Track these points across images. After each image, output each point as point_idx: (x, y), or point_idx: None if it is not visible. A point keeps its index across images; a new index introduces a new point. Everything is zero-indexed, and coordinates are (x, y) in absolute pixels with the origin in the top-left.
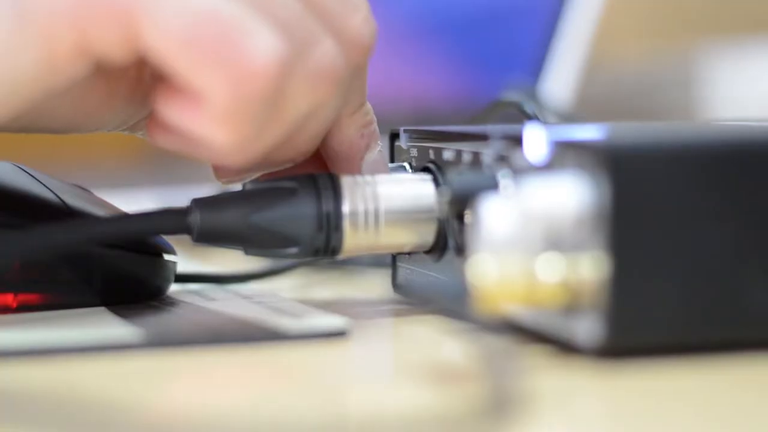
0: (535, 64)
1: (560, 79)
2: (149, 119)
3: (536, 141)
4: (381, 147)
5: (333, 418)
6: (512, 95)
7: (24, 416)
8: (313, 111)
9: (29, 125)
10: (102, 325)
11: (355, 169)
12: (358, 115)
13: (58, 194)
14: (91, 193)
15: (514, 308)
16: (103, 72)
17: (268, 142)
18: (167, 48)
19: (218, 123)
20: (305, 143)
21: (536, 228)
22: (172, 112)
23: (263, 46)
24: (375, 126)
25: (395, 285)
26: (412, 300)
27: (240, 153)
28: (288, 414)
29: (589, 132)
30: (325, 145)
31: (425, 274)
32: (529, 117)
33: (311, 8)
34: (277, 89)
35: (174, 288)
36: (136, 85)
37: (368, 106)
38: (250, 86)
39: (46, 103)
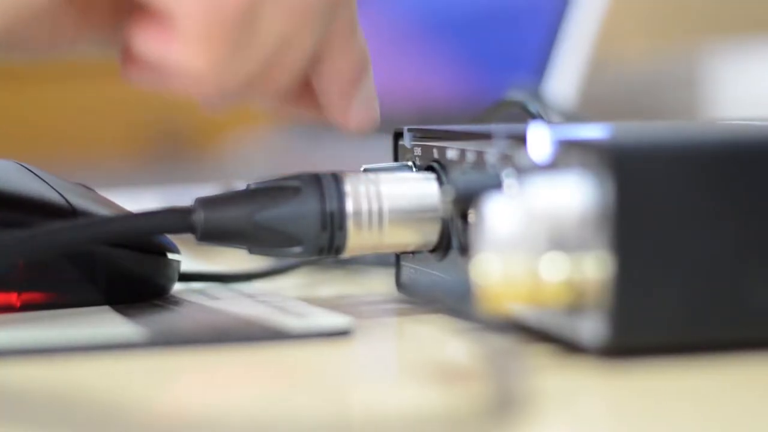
0: (539, 63)
1: (564, 78)
2: (123, 55)
3: (540, 140)
4: (371, 81)
5: (336, 418)
6: (516, 94)
7: (25, 415)
8: (288, 38)
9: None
10: (106, 324)
11: (346, 107)
12: (347, 48)
13: (62, 193)
14: (95, 192)
15: (517, 307)
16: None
17: (244, 68)
18: None
19: (191, 46)
20: (284, 75)
21: (540, 227)
22: (145, 41)
23: None
24: (367, 62)
25: (399, 284)
26: (416, 299)
27: (216, 78)
28: (291, 414)
29: (592, 131)
30: (316, 81)
31: (429, 273)
32: (533, 116)
33: None
34: (251, 11)
35: (178, 287)
36: (110, 14)
37: (360, 40)
38: (222, 5)
39: (18, 28)
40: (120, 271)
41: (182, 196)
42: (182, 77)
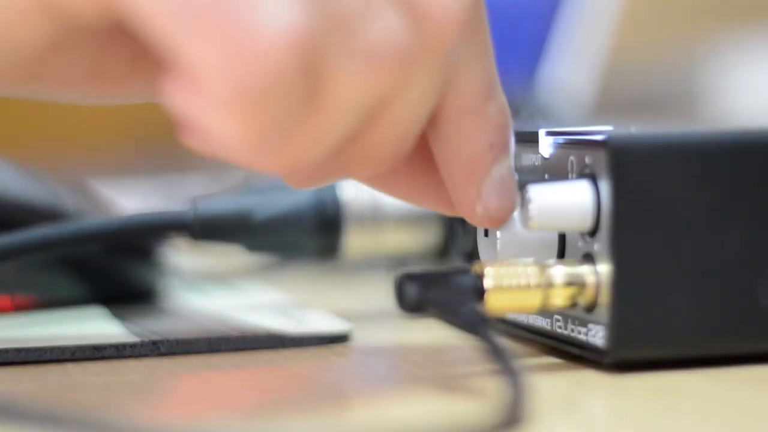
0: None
1: (576, 74)
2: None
3: (542, 140)
4: (512, 159)
5: (335, 427)
6: (519, 94)
7: (19, 418)
8: (377, 102)
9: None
10: (100, 327)
11: (474, 188)
12: (482, 114)
13: (57, 194)
14: (90, 187)
15: (519, 314)
16: (83, 38)
17: (310, 139)
18: (146, 5)
19: (221, 109)
20: (382, 146)
21: (542, 231)
22: (174, 93)
23: (276, 13)
24: (510, 132)
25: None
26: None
27: (268, 151)
28: (289, 422)
29: (592, 131)
30: (438, 154)
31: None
32: (536, 115)
33: None
34: (300, 71)
35: (174, 288)
36: (128, 66)
37: (501, 101)
38: (254, 65)
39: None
40: (115, 273)
41: (177, 185)
42: (222, 144)
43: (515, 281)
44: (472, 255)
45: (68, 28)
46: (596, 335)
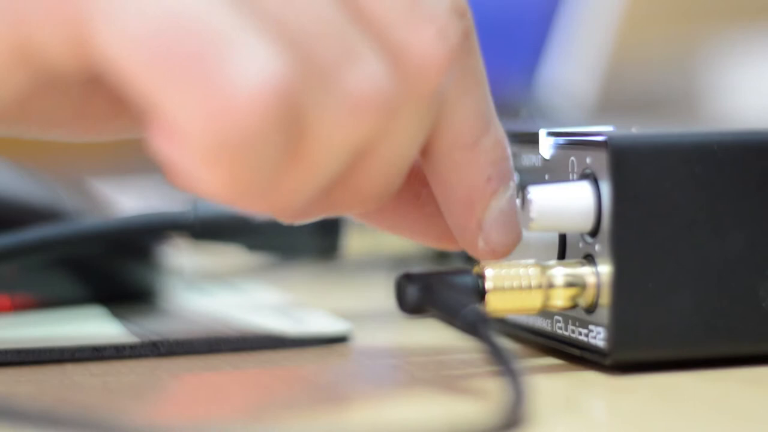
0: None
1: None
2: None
3: (543, 141)
4: (512, 191)
5: (335, 429)
6: (519, 93)
7: (18, 419)
8: (361, 147)
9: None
10: (100, 327)
11: (474, 222)
12: (477, 149)
13: (56, 193)
14: (90, 186)
15: (520, 315)
16: (65, 86)
17: (298, 187)
18: (124, 60)
19: (202, 161)
20: (371, 186)
21: (542, 232)
22: (156, 141)
23: (253, 65)
24: (508, 163)
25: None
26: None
27: (253, 198)
28: (288, 423)
29: (596, 132)
30: (436, 188)
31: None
32: (536, 115)
33: (357, 17)
34: (281, 123)
35: (174, 288)
36: (109, 112)
37: (498, 133)
38: (234, 119)
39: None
40: (115, 272)
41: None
42: (208, 193)
43: (516, 282)
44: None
45: (47, 80)
46: (597, 336)
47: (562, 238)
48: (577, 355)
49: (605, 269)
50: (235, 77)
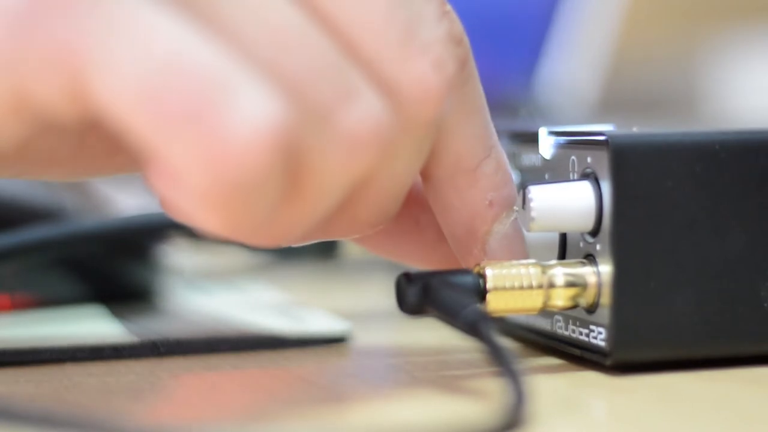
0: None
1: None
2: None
3: (543, 140)
4: (516, 215)
5: (334, 428)
6: (520, 92)
7: (17, 419)
8: (359, 181)
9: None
10: (99, 327)
11: (477, 246)
12: (477, 173)
13: (56, 192)
14: (90, 185)
15: (520, 315)
16: (62, 131)
17: (296, 222)
18: (121, 107)
19: (200, 203)
20: (368, 213)
21: (542, 232)
22: (154, 182)
23: (250, 110)
24: (510, 188)
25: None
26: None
27: (251, 235)
28: (286, 424)
29: (597, 131)
30: (438, 213)
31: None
32: (536, 114)
33: (350, 53)
34: (279, 165)
35: (174, 287)
36: (107, 154)
37: (499, 158)
38: (232, 163)
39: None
40: (114, 271)
41: None
42: (206, 230)
43: (516, 282)
44: None
45: (44, 127)
46: (597, 336)
47: (563, 238)
48: (577, 355)
49: (606, 269)
50: (232, 122)
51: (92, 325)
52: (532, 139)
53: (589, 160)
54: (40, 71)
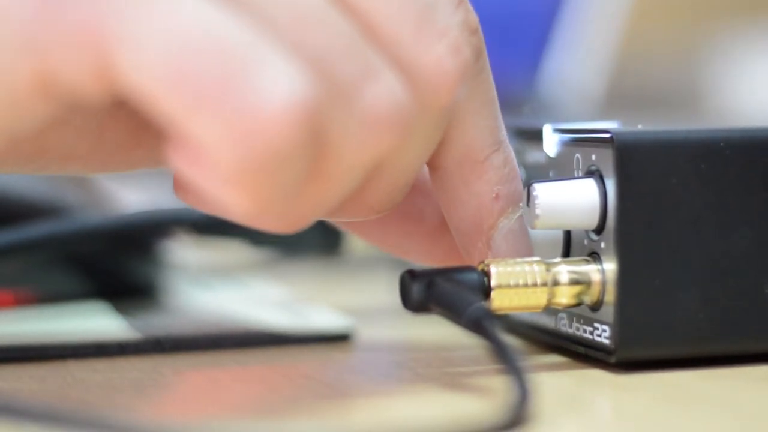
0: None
1: (582, 70)
2: (174, 175)
3: (548, 137)
4: (521, 211)
5: (336, 427)
6: (524, 89)
7: (20, 416)
8: (377, 162)
9: (18, 166)
10: (103, 323)
11: (482, 240)
12: (486, 165)
13: (59, 189)
14: (93, 182)
15: (524, 312)
16: (85, 114)
17: (315, 204)
18: (149, 85)
19: (227, 182)
20: (378, 198)
21: (547, 229)
22: (179, 163)
23: (278, 85)
24: (517, 183)
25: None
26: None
27: (271, 218)
28: (290, 421)
29: (602, 129)
30: (444, 205)
31: None
32: (540, 111)
33: (369, 35)
34: (305, 141)
35: (178, 284)
36: (130, 135)
37: (508, 152)
38: (259, 139)
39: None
40: (117, 268)
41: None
42: (229, 212)
43: (521, 280)
44: None
45: (69, 108)
46: (602, 334)
47: (567, 236)
48: (582, 353)
49: (610, 267)
50: (261, 97)
51: (96, 321)
52: (536, 137)
53: (593, 157)
54: (66, 50)
